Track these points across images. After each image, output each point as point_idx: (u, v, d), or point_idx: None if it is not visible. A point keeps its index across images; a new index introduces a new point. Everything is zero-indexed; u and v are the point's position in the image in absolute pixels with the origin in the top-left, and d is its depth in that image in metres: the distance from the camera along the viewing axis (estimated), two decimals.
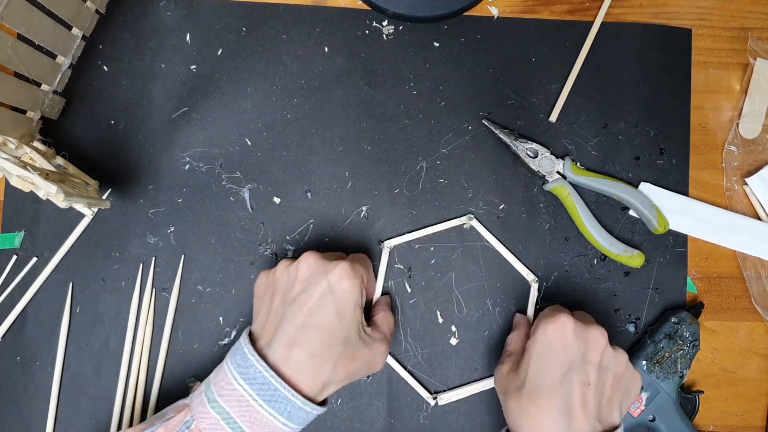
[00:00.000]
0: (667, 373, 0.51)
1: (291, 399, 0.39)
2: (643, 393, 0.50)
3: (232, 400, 0.39)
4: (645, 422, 0.51)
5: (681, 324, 0.52)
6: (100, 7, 0.52)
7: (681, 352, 0.51)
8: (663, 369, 0.51)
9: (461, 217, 0.53)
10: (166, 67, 0.54)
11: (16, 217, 0.52)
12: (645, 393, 0.51)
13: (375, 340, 0.45)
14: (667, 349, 0.51)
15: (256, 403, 0.39)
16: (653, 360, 0.51)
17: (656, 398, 0.50)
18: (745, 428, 0.55)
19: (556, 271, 0.54)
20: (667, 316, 0.52)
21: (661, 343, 0.51)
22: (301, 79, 0.54)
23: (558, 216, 0.54)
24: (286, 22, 0.55)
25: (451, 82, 0.55)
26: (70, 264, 0.52)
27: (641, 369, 0.51)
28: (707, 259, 0.56)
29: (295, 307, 0.41)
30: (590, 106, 0.55)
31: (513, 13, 0.56)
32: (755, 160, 0.56)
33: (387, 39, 0.55)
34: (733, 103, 0.57)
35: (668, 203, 0.54)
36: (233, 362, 0.41)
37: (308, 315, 0.41)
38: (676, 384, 0.51)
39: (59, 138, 0.52)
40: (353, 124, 0.54)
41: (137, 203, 0.52)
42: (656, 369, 0.51)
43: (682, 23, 0.57)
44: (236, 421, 0.39)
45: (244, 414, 0.39)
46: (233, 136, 0.53)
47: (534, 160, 0.53)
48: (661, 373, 0.51)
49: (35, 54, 0.46)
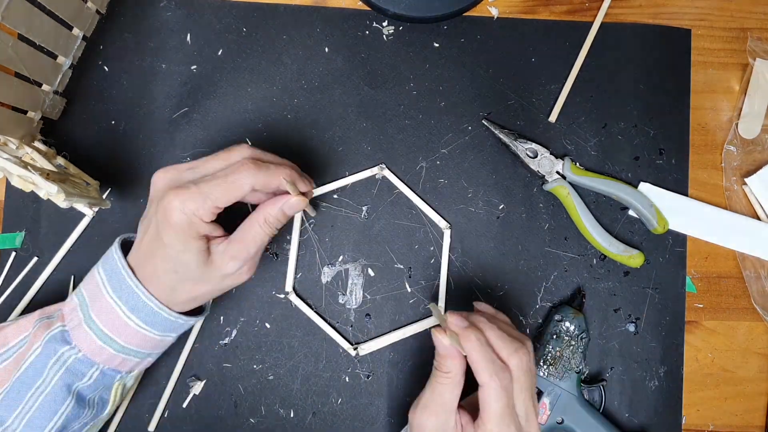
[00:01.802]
0: (563, 371, 0.50)
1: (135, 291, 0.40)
2: (545, 398, 0.50)
3: (89, 286, 0.41)
4: (554, 426, 0.50)
5: (564, 320, 0.51)
6: (100, 8, 0.53)
7: (570, 348, 0.50)
8: (558, 369, 0.50)
9: (373, 167, 0.53)
10: (166, 67, 0.54)
11: (17, 217, 0.52)
12: (547, 398, 0.50)
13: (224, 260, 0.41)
14: (557, 348, 0.50)
15: (104, 286, 0.40)
16: (546, 362, 0.50)
17: (559, 400, 0.50)
18: (744, 428, 0.55)
19: (555, 271, 0.54)
20: (550, 315, 0.52)
21: (549, 344, 0.51)
22: (301, 79, 0.54)
23: (557, 216, 0.54)
24: (286, 22, 0.55)
25: (451, 82, 0.55)
26: (70, 264, 0.52)
27: (538, 374, 0.49)
28: (707, 259, 0.56)
29: (142, 226, 0.42)
30: (590, 106, 0.55)
31: (513, 13, 0.56)
32: (754, 160, 0.56)
33: (387, 39, 0.55)
34: (733, 103, 0.57)
35: (668, 203, 0.54)
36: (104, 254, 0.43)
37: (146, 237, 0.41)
38: (576, 380, 0.50)
39: (60, 138, 0.52)
40: (353, 124, 0.54)
41: (138, 203, 0.53)
42: (551, 371, 0.50)
43: (681, 23, 0.57)
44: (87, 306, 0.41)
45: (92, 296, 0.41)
46: (233, 136, 0.54)
47: (534, 160, 0.54)
48: (557, 373, 0.50)
49: (36, 54, 0.46)
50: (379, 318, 0.53)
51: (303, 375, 0.52)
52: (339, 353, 0.53)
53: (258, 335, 0.52)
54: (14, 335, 0.42)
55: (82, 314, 0.41)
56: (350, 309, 0.53)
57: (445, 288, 0.53)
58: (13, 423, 0.40)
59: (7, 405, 0.40)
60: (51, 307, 0.44)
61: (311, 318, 0.52)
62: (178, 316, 0.42)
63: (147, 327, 0.41)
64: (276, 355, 0.52)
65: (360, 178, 0.53)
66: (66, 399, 0.41)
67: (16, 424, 0.40)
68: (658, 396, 0.54)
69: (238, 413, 0.52)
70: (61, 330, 0.41)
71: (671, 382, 0.54)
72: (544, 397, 0.50)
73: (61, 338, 0.41)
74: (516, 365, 0.39)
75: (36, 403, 0.40)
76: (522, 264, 0.54)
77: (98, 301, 0.40)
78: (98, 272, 0.42)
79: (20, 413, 0.40)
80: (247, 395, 0.52)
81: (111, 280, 0.41)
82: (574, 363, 0.50)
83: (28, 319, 0.43)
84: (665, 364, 0.54)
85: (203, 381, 0.52)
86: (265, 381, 0.52)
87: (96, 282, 0.41)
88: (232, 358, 0.52)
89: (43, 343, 0.40)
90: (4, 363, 0.41)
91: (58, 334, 0.41)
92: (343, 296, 0.53)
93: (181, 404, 0.52)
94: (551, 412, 0.50)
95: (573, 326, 0.51)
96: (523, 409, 0.39)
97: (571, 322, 0.51)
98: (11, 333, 0.42)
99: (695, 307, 0.55)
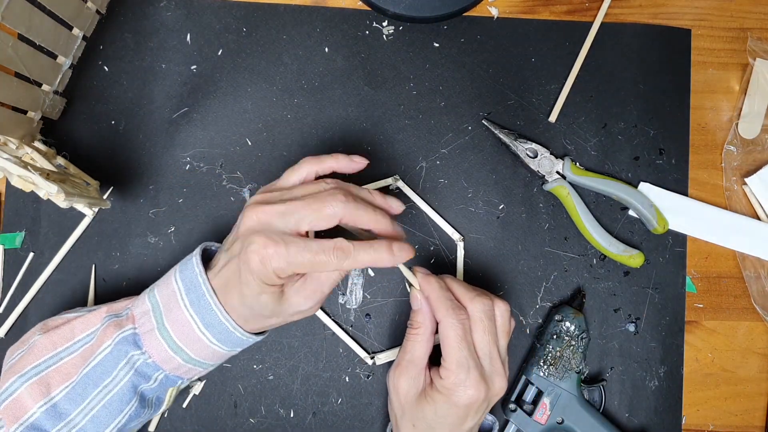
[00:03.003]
0: (564, 371, 0.50)
1: (213, 309, 0.40)
2: (545, 398, 0.50)
3: (165, 292, 0.41)
4: (554, 426, 0.50)
5: (564, 320, 0.51)
6: (100, 8, 0.53)
7: (571, 348, 0.50)
8: (558, 369, 0.50)
9: (387, 179, 0.53)
10: (166, 67, 0.54)
11: (17, 217, 0.52)
12: (547, 398, 0.50)
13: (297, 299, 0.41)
14: (557, 349, 0.50)
15: (181, 298, 0.40)
16: (546, 363, 0.50)
17: (559, 400, 0.50)
18: (744, 428, 0.55)
19: (555, 271, 0.54)
20: (551, 315, 0.52)
21: (549, 345, 0.51)
22: (301, 79, 0.54)
23: (557, 216, 0.54)
24: (286, 22, 0.55)
25: (451, 82, 0.55)
26: (70, 264, 0.52)
27: (538, 374, 0.50)
28: (707, 259, 0.56)
29: (225, 254, 0.41)
30: (590, 106, 0.55)
31: (513, 13, 0.56)
32: (754, 160, 0.56)
33: (387, 39, 0.55)
34: (733, 103, 0.57)
35: (667, 203, 0.54)
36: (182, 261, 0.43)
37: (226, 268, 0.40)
38: (576, 381, 0.50)
39: (60, 138, 0.52)
40: (353, 124, 0.54)
41: (138, 203, 0.53)
42: (552, 371, 0.50)
43: (681, 23, 0.57)
44: (162, 314, 0.40)
45: (167, 305, 0.41)
46: (234, 136, 0.54)
47: (534, 160, 0.54)
48: (558, 373, 0.50)
49: (36, 54, 0.46)
50: (379, 318, 0.53)
51: (303, 375, 0.52)
52: (339, 353, 0.53)
53: None
54: (82, 329, 0.42)
55: (155, 321, 0.40)
56: (350, 309, 0.53)
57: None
58: (76, 417, 0.40)
59: (72, 399, 0.40)
60: (119, 304, 0.44)
61: (325, 323, 0.52)
62: (251, 336, 0.42)
63: (218, 343, 0.41)
64: (276, 355, 0.52)
65: (373, 188, 0.53)
66: (132, 399, 0.41)
67: (79, 419, 0.40)
68: (658, 396, 0.54)
69: (238, 413, 0.52)
70: (132, 332, 0.41)
71: (671, 382, 0.54)
72: (544, 397, 0.50)
73: (133, 341, 0.41)
74: (475, 309, 0.42)
75: (103, 401, 0.40)
76: (522, 264, 0.54)
77: (174, 311, 0.40)
78: (176, 281, 0.41)
79: (84, 409, 0.40)
80: (247, 395, 0.52)
81: (189, 293, 0.40)
82: (574, 363, 0.50)
83: (95, 314, 0.43)
84: (665, 364, 0.54)
85: (203, 381, 0.52)
86: (265, 381, 0.52)
87: (173, 290, 0.41)
88: (231, 358, 0.52)
89: (114, 343, 0.40)
90: (72, 356, 0.41)
91: (130, 337, 0.41)
92: (343, 296, 0.53)
93: (181, 404, 0.52)
94: (551, 412, 0.50)
95: (573, 326, 0.51)
96: (485, 350, 0.42)
97: (572, 322, 0.51)
98: (78, 327, 0.42)
99: (695, 307, 0.55)
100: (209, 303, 0.40)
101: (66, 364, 0.41)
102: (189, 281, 0.41)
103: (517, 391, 0.51)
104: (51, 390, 0.40)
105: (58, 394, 0.40)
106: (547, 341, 0.51)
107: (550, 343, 0.51)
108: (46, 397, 0.40)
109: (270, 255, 0.37)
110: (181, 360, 0.41)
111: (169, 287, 0.41)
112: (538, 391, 0.50)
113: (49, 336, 0.42)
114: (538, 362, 0.51)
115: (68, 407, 0.40)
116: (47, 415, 0.40)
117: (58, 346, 0.42)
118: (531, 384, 0.51)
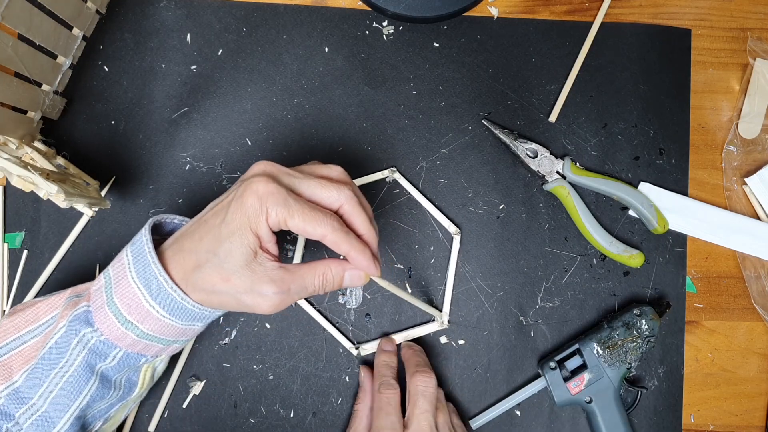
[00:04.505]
0: (616, 360, 0.50)
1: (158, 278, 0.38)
2: (586, 372, 0.50)
3: (116, 267, 0.40)
4: (581, 401, 0.50)
5: (642, 317, 0.51)
6: (100, 8, 0.53)
7: (634, 344, 0.51)
8: (612, 356, 0.51)
9: (384, 171, 0.53)
10: (166, 67, 0.54)
11: (17, 217, 0.52)
12: (588, 374, 0.50)
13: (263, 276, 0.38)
14: (622, 338, 0.51)
15: (129, 270, 0.39)
16: (605, 344, 0.51)
17: (598, 382, 0.50)
18: (744, 428, 0.55)
19: (555, 271, 0.54)
20: (631, 306, 0.52)
21: (617, 330, 0.51)
22: (301, 79, 0.54)
23: (557, 216, 0.55)
24: (286, 22, 0.55)
25: (451, 82, 0.55)
26: (70, 264, 0.52)
27: (591, 350, 0.51)
28: (707, 259, 0.56)
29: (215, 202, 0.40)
30: (590, 106, 0.55)
31: (513, 13, 0.56)
32: (755, 160, 0.56)
33: (387, 39, 0.55)
34: (733, 103, 0.57)
35: (668, 203, 0.54)
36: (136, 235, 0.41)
37: (207, 212, 0.39)
38: (622, 374, 0.51)
39: (60, 138, 0.52)
40: (353, 124, 0.54)
41: (138, 203, 0.53)
42: (606, 354, 0.51)
43: (681, 23, 0.57)
44: (112, 288, 0.39)
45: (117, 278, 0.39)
46: (234, 136, 0.54)
47: (534, 160, 0.54)
48: (610, 359, 0.50)
49: (36, 54, 0.46)
50: (379, 318, 0.53)
51: (303, 375, 0.52)
52: (339, 353, 0.53)
53: (258, 335, 0.52)
54: (45, 312, 0.42)
55: (105, 296, 0.39)
56: (350, 309, 0.53)
57: (451, 291, 0.53)
58: (38, 401, 0.40)
59: (31, 383, 0.40)
60: (82, 286, 0.43)
61: (312, 317, 0.52)
62: (203, 307, 0.39)
63: (169, 316, 0.39)
64: (276, 355, 0.52)
65: (370, 180, 0.53)
66: (90, 380, 0.40)
67: (41, 403, 0.40)
68: (658, 396, 0.54)
69: (238, 413, 0.52)
70: (85, 310, 0.40)
71: (671, 382, 0.54)
72: (586, 372, 0.50)
73: (85, 319, 0.39)
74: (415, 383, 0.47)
75: (60, 382, 0.40)
76: (522, 264, 0.54)
77: (122, 284, 0.38)
78: (126, 253, 0.39)
79: (44, 392, 0.40)
80: (246, 395, 0.52)
81: (137, 263, 0.38)
82: (629, 358, 0.51)
83: (59, 296, 0.42)
84: (665, 364, 0.54)
85: (203, 381, 0.52)
86: (265, 381, 0.52)
87: (123, 263, 0.39)
88: (231, 358, 0.52)
89: (68, 322, 0.39)
90: (34, 340, 0.41)
91: (82, 314, 0.39)
92: (343, 296, 0.53)
93: (181, 404, 0.52)
94: (585, 388, 0.50)
95: (647, 326, 0.51)
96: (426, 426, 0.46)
97: (648, 322, 0.51)
98: (43, 310, 0.42)
99: (695, 307, 0.55)
100: (154, 272, 0.38)
101: (29, 347, 0.41)
102: (137, 250, 0.39)
103: (563, 355, 0.51)
104: (13, 374, 0.40)
105: (19, 378, 0.40)
106: (616, 327, 0.51)
107: (618, 330, 0.51)
108: (8, 381, 0.40)
109: (271, 192, 0.36)
110: (134, 336, 0.39)
111: (120, 260, 0.39)
112: (582, 364, 0.51)
113: (12, 319, 0.42)
114: (598, 340, 0.51)
115: (29, 391, 0.40)
116: (10, 399, 0.40)
117: (21, 329, 0.41)
118: (580, 355, 0.51)
